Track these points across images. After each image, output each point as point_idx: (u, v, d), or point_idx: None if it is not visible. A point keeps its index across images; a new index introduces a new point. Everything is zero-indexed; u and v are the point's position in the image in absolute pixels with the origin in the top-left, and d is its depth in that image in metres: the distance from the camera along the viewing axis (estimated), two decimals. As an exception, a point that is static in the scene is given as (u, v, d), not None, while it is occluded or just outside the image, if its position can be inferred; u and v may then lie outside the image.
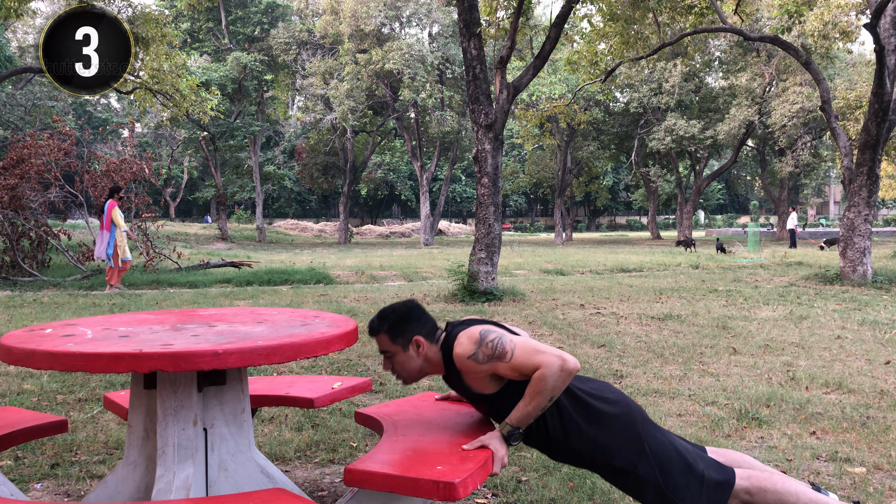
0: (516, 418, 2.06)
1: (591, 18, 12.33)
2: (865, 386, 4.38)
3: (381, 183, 51.43)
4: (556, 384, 2.02)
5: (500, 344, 2.07)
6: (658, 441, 2.16)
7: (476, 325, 2.19)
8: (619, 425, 2.14)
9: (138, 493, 2.19)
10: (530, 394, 2.04)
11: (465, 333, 2.14)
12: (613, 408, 2.17)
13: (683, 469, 2.13)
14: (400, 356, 2.20)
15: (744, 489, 2.13)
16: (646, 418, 2.21)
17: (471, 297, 9.01)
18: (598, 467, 2.19)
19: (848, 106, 22.50)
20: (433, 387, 4.47)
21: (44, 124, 26.00)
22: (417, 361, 2.20)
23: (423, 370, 2.23)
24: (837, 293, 9.59)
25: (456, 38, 26.83)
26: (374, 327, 2.21)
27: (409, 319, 2.20)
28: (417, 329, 2.20)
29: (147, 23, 13.11)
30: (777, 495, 2.12)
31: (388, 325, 2.19)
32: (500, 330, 2.16)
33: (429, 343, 2.20)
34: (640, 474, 2.11)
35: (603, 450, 2.13)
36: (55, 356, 1.84)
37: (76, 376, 4.63)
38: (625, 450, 2.13)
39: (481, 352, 2.08)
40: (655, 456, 2.12)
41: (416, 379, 2.26)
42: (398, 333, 2.18)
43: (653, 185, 36.61)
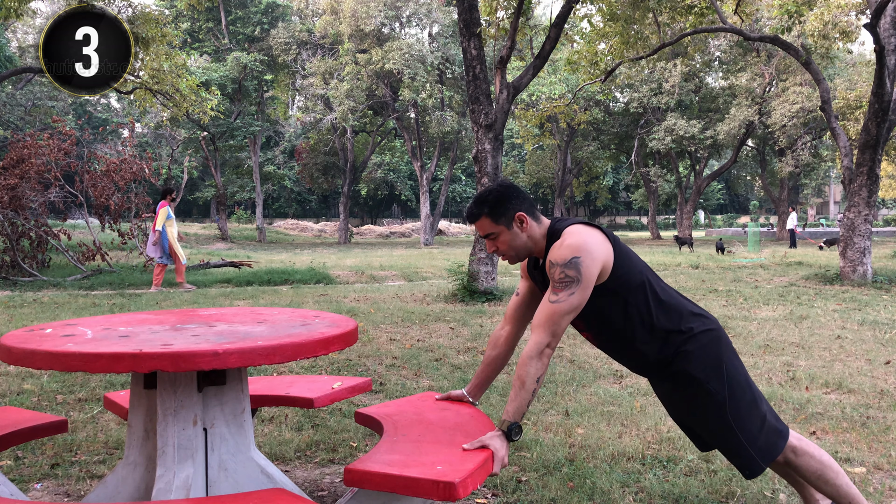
0: (512, 412, 2.07)
1: (591, 18, 12.33)
2: (865, 386, 4.38)
3: (381, 183, 51.42)
4: (539, 369, 2.06)
5: (568, 284, 2.08)
6: (736, 368, 2.22)
7: (586, 235, 2.13)
8: (707, 339, 2.20)
9: (138, 493, 2.19)
10: (518, 381, 2.07)
11: (571, 237, 2.12)
12: (705, 323, 2.24)
13: (750, 402, 2.20)
14: (504, 235, 2.21)
15: (793, 447, 2.23)
16: (731, 346, 2.28)
17: (471, 296, 9.01)
18: (673, 373, 2.22)
19: (848, 106, 22.51)
20: (433, 387, 4.47)
21: (44, 124, 25.99)
22: (522, 237, 2.22)
23: (528, 247, 2.24)
24: (837, 293, 9.59)
25: (456, 38, 26.84)
26: (472, 213, 2.22)
27: (509, 198, 2.20)
28: (518, 205, 2.21)
29: (147, 23, 13.11)
30: (821, 464, 2.23)
31: (489, 207, 2.19)
32: (586, 270, 2.08)
33: (532, 220, 2.22)
34: (710, 389, 2.17)
35: (686, 356, 2.18)
36: (55, 356, 1.84)
37: (76, 376, 4.63)
38: (704, 362, 2.18)
39: (559, 269, 2.09)
40: (730, 379, 2.19)
41: (524, 257, 2.27)
42: (500, 213, 2.19)
43: (653, 185, 36.61)
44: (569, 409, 3.92)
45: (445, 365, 5.11)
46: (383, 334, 6.37)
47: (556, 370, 4.93)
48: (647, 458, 3.11)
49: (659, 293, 2.22)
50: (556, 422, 3.67)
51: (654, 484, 2.81)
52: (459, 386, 4.42)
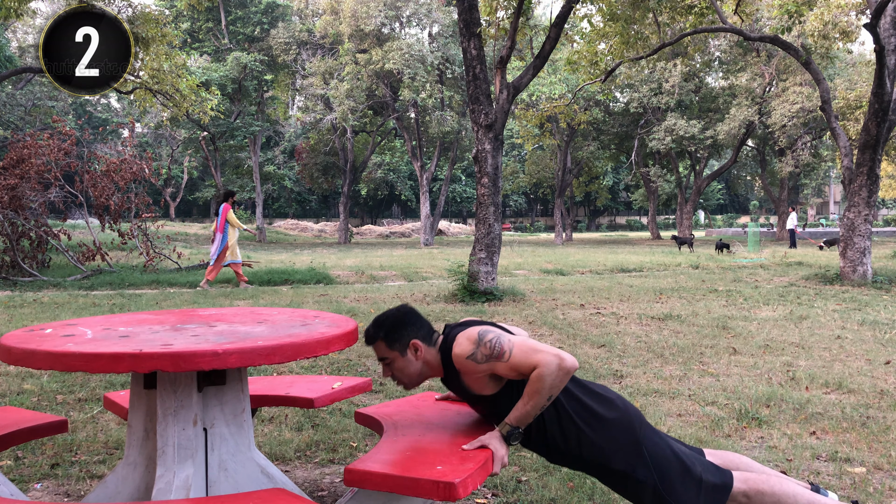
0: (515, 418, 2.06)
1: (591, 18, 12.32)
2: (865, 386, 4.38)
3: (381, 183, 51.44)
4: (554, 383, 2.01)
5: (498, 343, 2.07)
6: (656, 445, 2.15)
7: (474, 325, 2.19)
8: (617, 429, 2.14)
9: (138, 493, 2.19)
10: (529, 393, 2.04)
11: (463, 334, 2.14)
12: (611, 411, 2.17)
13: (681, 473, 2.12)
14: (399, 362, 2.19)
15: (742, 492, 2.13)
16: (644, 422, 2.21)
17: (471, 297, 9.01)
18: (596, 470, 2.18)
19: (848, 106, 22.51)
20: (433, 387, 4.47)
21: (44, 124, 25.99)
22: (416, 365, 2.20)
23: (422, 374, 2.22)
24: (837, 293, 9.59)
25: (456, 38, 26.84)
26: (370, 335, 2.21)
27: (405, 324, 2.20)
28: (413, 333, 2.20)
29: (147, 23, 13.12)
30: (774, 497, 2.12)
31: (385, 332, 2.18)
32: (498, 330, 2.16)
33: (426, 346, 2.20)
34: (638, 478, 2.11)
35: (601, 453, 2.13)
36: (55, 356, 1.84)
37: (76, 376, 4.63)
38: (623, 453, 2.12)
39: (480, 351, 2.07)
40: (654, 459, 2.12)
41: (417, 383, 2.25)
42: (395, 339, 2.18)
43: (653, 185, 36.61)
44: (569, 409, 3.92)
45: (445, 365, 5.10)
46: (383, 334, 6.36)
47: (556, 370, 4.93)
48: (647, 458, 3.11)
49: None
50: (556, 422, 3.67)
51: (654, 484, 2.80)
52: (459, 386, 4.42)
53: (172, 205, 50.83)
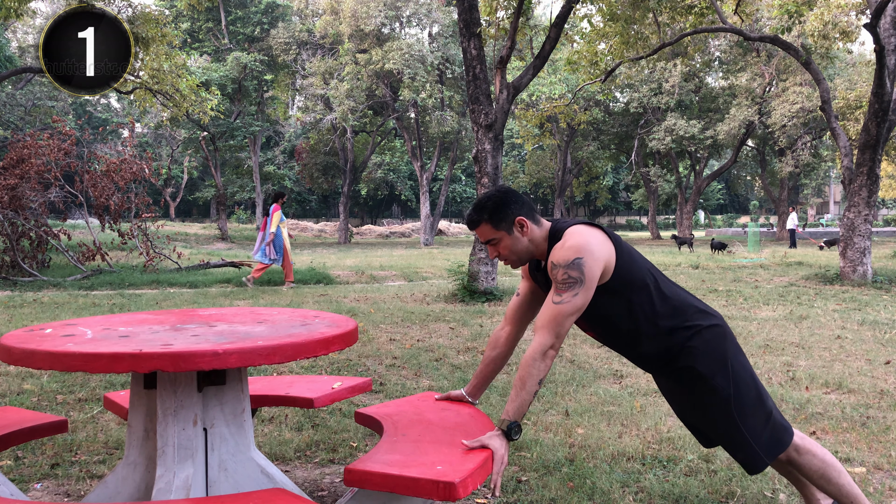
0: (512, 411, 2.07)
1: (591, 18, 12.33)
2: (865, 386, 4.38)
3: (381, 183, 51.41)
4: (541, 370, 2.06)
5: (571, 285, 2.07)
6: (741, 365, 2.23)
7: (587, 235, 2.13)
8: (711, 335, 2.21)
9: (138, 493, 2.19)
10: (519, 381, 2.06)
11: (573, 238, 2.11)
12: (709, 319, 2.24)
13: (755, 399, 2.20)
14: (506, 240, 2.20)
15: (796, 445, 2.23)
16: (736, 342, 2.28)
17: (471, 297, 9.01)
18: (677, 369, 2.23)
19: (848, 106, 22.51)
20: (433, 387, 4.47)
21: (44, 124, 25.99)
22: (524, 242, 2.21)
23: (529, 251, 2.24)
24: (837, 293, 9.59)
25: (456, 38, 26.83)
26: (473, 219, 2.22)
27: (508, 202, 2.20)
28: (517, 210, 2.20)
29: (147, 23, 13.12)
30: (823, 462, 2.24)
31: (489, 213, 2.19)
32: (588, 270, 2.08)
33: (532, 223, 2.21)
34: (715, 384, 2.17)
35: (690, 352, 2.19)
36: (55, 356, 1.84)
37: (76, 376, 4.63)
38: (710, 358, 2.18)
39: (561, 271, 2.09)
40: (735, 375, 2.19)
41: (526, 260, 2.27)
42: (500, 218, 2.18)
43: (653, 185, 36.62)
44: (569, 409, 3.92)
45: (445, 365, 5.11)
46: (383, 334, 6.37)
47: (556, 370, 4.93)
48: (647, 458, 3.11)
49: (664, 290, 2.22)
50: (556, 422, 3.67)
51: (654, 484, 2.81)
52: (459, 386, 4.42)
53: (172, 205, 50.83)
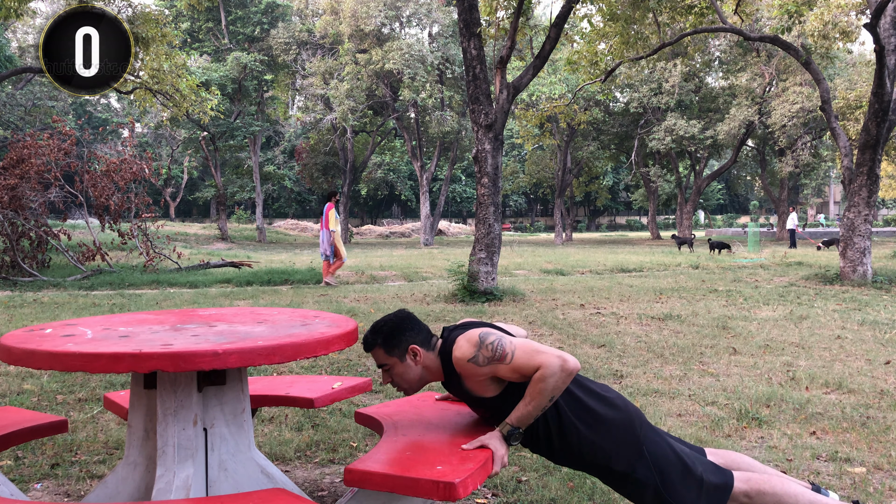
0: (516, 418, 2.06)
1: (591, 18, 12.32)
2: (865, 386, 4.38)
3: (381, 183, 51.42)
4: (556, 384, 2.00)
5: (499, 345, 2.06)
6: (657, 444, 2.15)
7: (474, 328, 2.18)
8: (618, 429, 2.13)
9: (138, 493, 2.19)
10: (531, 394, 2.03)
11: (463, 337, 2.12)
12: (612, 411, 2.16)
13: (682, 472, 2.12)
14: (398, 367, 2.18)
15: (743, 492, 2.13)
16: (644, 421, 2.20)
17: (471, 297, 9.01)
18: (597, 470, 2.18)
19: (848, 106, 22.51)
20: (433, 387, 4.47)
21: (44, 124, 25.99)
22: (416, 370, 2.19)
23: (422, 378, 2.21)
24: (837, 293, 9.59)
25: (456, 38, 26.83)
26: (368, 342, 2.20)
27: (403, 329, 2.19)
28: (412, 338, 2.19)
29: (147, 23, 13.12)
30: (776, 497, 2.11)
31: (382, 338, 2.17)
32: (498, 332, 2.15)
33: (425, 351, 2.19)
34: (639, 478, 2.10)
35: (602, 452, 2.12)
36: (55, 356, 1.84)
37: (76, 376, 4.63)
38: (624, 453, 2.12)
39: (481, 354, 2.06)
40: (654, 459, 2.11)
41: (417, 389, 2.25)
42: (393, 345, 2.17)
43: (653, 185, 36.61)
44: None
45: (445, 365, 5.10)
46: (383, 334, 6.36)
47: (556, 370, 4.93)
48: (647, 458, 3.11)
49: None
50: (556, 422, 3.67)
51: (654, 484, 2.80)
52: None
53: (172, 205, 50.82)
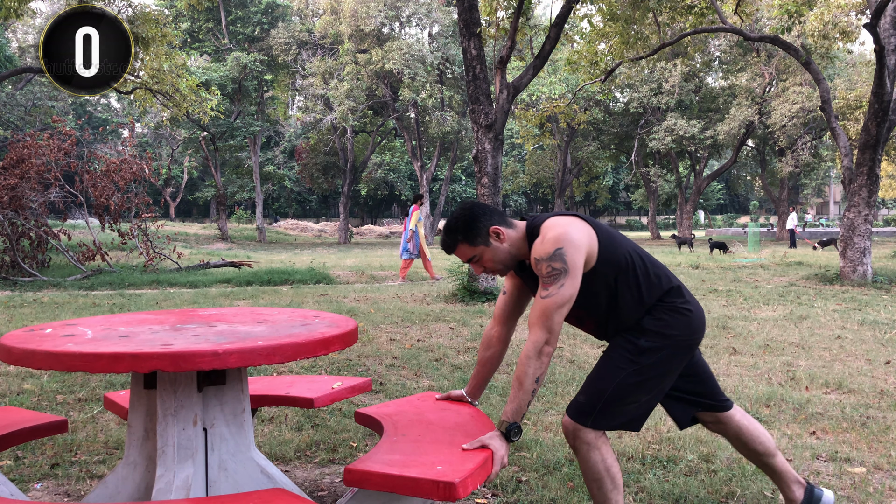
0: (510, 413, 2.06)
1: (591, 18, 12.33)
2: (865, 386, 4.38)
3: (381, 183, 51.43)
4: (536, 369, 2.04)
5: (556, 277, 2.06)
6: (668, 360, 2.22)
7: (565, 225, 2.13)
8: (679, 316, 2.23)
9: (138, 493, 2.19)
10: (517, 381, 2.06)
11: (551, 230, 2.11)
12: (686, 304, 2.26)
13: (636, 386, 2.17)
14: (486, 253, 2.19)
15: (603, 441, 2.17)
16: (689, 345, 2.30)
17: (471, 296, 9.01)
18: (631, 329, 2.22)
19: (848, 106, 22.51)
20: (433, 387, 4.47)
21: (44, 124, 26.00)
22: (504, 248, 2.20)
23: (513, 255, 2.22)
24: (837, 293, 9.59)
25: (456, 38, 26.84)
26: (449, 243, 2.20)
27: (477, 216, 2.19)
28: (489, 221, 2.19)
29: (147, 23, 13.12)
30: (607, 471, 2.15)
31: (462, 234, 2.18)
32: (571, 259, 2.08)
33: (507, 229, 2.20)
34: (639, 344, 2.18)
35: (654, 323, 2.20)
36: (55, 356, 1.84)
37: (76, 376, 4.63)
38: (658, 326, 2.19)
39: (545, 264, 2.08)
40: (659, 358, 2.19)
41: (511, 266, 2.25)
42: (475, 234, 2.17)
43: (653, 185, 36.62)
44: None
45: (445, 365, 5.11)
46: (383, 334, 6.37)
47: (556, 370, 4.93)
48: (647, 458, 3.11)
49: (649, 270, 2.22)
50: (556, 422, 3.67)
51: (654, 484, 2.81)
52: (459, 386, 4.42)
53: (172, 205, 50.82)
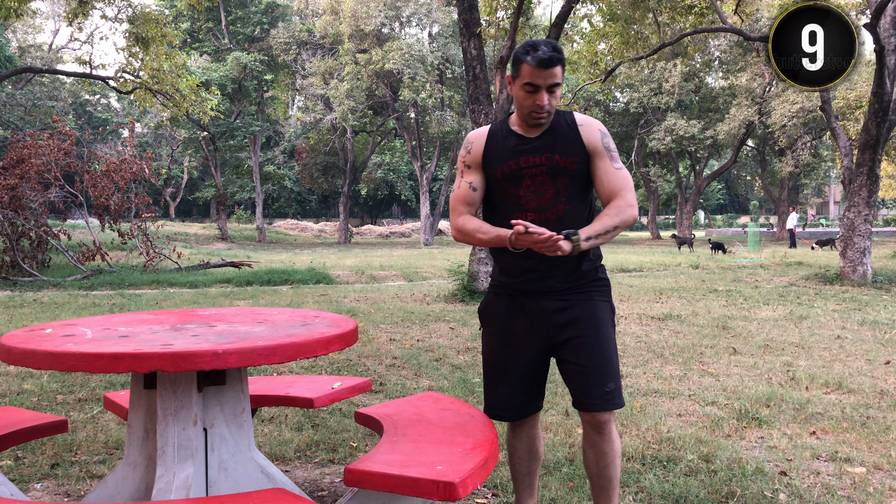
0: (587, 230, 2.04)
1: (591, 18, 12.34)
2: (865, 386, 4.38)
3: (381, 183, 51.43)
4: (625, 221, 2.09)
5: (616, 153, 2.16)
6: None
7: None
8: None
9: (138, 493, 2.19)
10: (614, 214, 2.08)
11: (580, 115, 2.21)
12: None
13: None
14: (558, 91, 2.13)
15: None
16: None
17: (471, 296, 9.01)
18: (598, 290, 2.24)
19: (848, 106, 22.51)
20: (433, 387, 4.47)
21: (44, 124, 26.00)
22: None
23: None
24: (837, 293, 9.59)
25: (456, 38, 26.84)
26: (556, 59, 2.05)
27: None
28: None
29: (147, 23, 13.14)
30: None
31: (563, 59, 2.11)
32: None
33: None
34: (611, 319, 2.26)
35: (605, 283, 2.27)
36: (55, 356, 1.84)
37: (76, 376, 4.63)
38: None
39: (608, 139, 2.15)
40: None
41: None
42: (564, 66, 2.14)
43: (653, 185, 36.62)
44: (569, 409, 3.92)
45: (445, 365, 5.11)
46: (383, 334, 6.37)
47: (555, 370, 4.93)
48: (647, 458, 3.11)
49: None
50: (556, 422, 3.67)
51: (654, 484, 2.81)
52: (459, 386, 4.42)
53: (172, 205, 50.81)
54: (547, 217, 2.13)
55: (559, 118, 2.18)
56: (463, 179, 2.23)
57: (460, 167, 2.25)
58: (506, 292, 2.27)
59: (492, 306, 2.31)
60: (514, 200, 2.17)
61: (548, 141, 2.16)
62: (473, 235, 2.15)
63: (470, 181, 2.21)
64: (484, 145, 2.21)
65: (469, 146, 2.24)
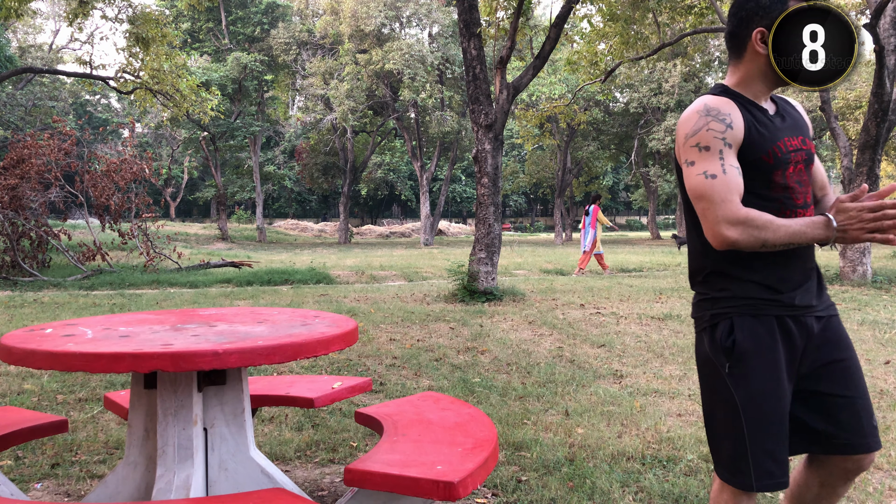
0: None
1: (591, 18, 12.34)
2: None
3: (381, 183, 51.44)
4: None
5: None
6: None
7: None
8: None
9: (138, 493, 2.19)
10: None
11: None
12: None
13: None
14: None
15: None
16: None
17: (471, 296, 9.01)
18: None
19: (848, 106, 22.52)
20: (433, 387, 4.47)
21: (44, 124, 26.01)
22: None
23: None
24: (837, 293, 9.59)
25: (456, 38, 26.85)
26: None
27: None
28: None
29: (147, 23, 13.14)
30: None
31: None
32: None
33: None
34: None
35: None
36: (55, 356, 1.85)
37: (76, 376, 4.63)
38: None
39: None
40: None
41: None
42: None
43: (653, 185, 36.63)
44: (569, 409, 3.92)
45: (445, 365, 5.11)
46: (383, 334, 6.37)
47: (555, 370, 4.94)
48: (647, 458, 3.11)
49: None
50: (556, 422, 3.67)
51: (654, 484, 2.81)
52: (459, 386, 4.42)
53: (172, 205, 50.82)
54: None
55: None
56: (725, 162, 1.65)
57: (716, 145, 1.66)
58: (772, 313, 1.69)
59: (757, 334, 1.67)
60: (778, 194, 1.69)
61: (790, 119, 1.76)
62: (768, 229, 1.59)
63: (735, 165, 1.67)
64: (742, 118, 1.70)
65: (726, 118, 1.68)
